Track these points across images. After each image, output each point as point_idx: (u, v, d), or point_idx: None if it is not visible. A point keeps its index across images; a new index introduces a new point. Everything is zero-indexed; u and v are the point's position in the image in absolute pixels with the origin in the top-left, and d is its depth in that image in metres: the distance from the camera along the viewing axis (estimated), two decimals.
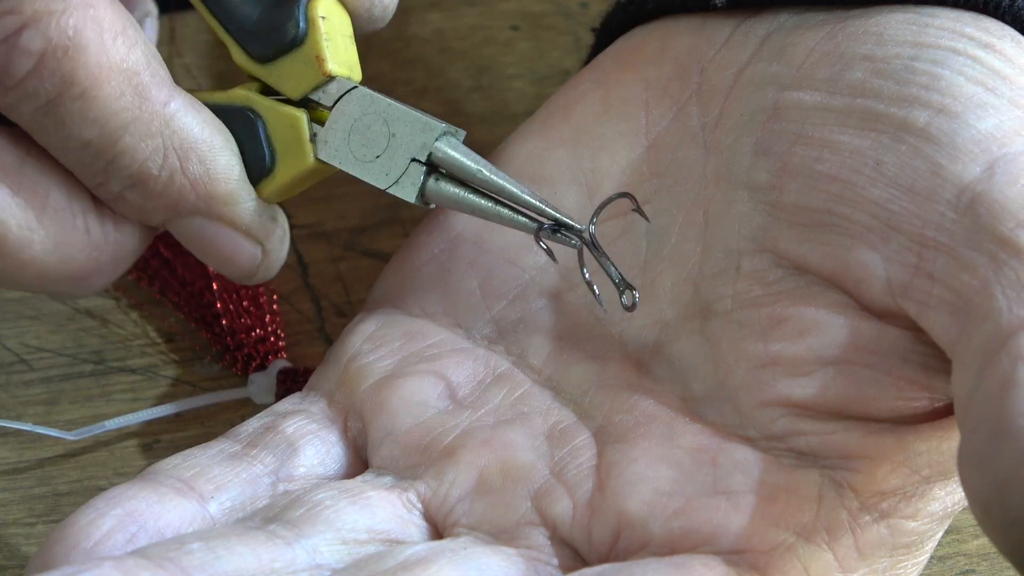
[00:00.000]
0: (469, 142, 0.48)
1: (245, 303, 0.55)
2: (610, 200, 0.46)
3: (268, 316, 0.55)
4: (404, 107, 0.47)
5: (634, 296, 0.45)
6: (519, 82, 0.65)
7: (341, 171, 0.48)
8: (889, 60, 0.44)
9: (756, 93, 0.46)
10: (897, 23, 0.44)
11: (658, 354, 0.46)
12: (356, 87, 0.47)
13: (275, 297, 0.56)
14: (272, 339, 0.55)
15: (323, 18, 0.47)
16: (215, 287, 0.55)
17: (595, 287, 0.46)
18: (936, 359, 0.42)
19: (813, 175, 0.44)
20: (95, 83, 0.44)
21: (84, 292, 0.47)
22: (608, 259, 0.46)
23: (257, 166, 0.47)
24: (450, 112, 0.63)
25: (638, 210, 0.47)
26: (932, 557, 0.49)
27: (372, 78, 0.50)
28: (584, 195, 0.48)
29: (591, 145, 0.49)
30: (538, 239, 0.46)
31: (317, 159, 0.47)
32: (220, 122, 0.47)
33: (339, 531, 0.43)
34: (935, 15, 0.44)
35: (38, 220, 0.45)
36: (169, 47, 0.65)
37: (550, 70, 0.65)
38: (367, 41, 0.65)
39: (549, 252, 0.46)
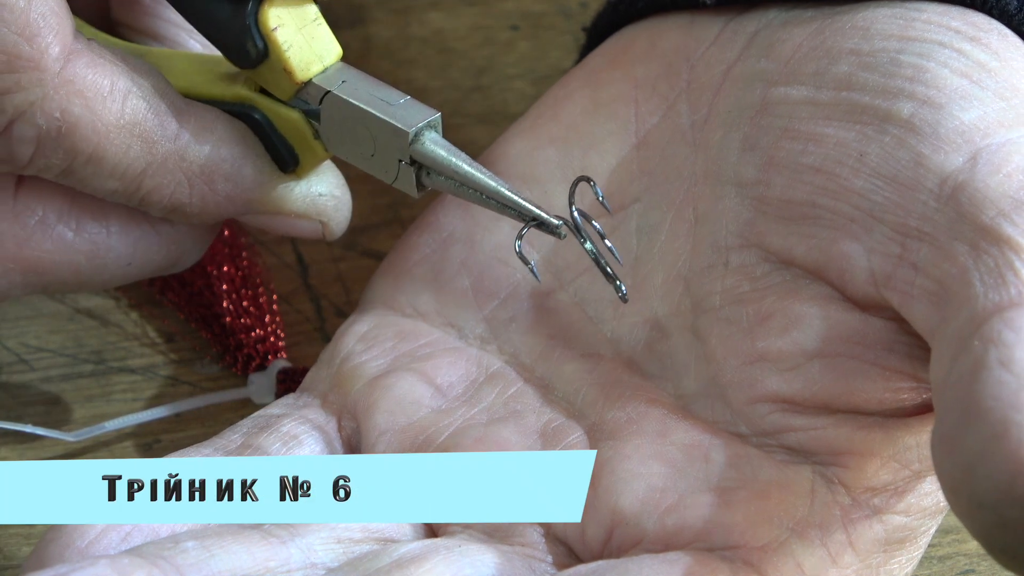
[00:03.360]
0: (469, 142, 0.48)
1: (245, 303, 0.55)
2: (575, 185, 0.46)
3: (268, 316, 0.55)
4: (373, 110, 0.46)
5: (621, 289, 0.46)
6: (519, 82, 0.65)
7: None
8: (875, 54, 0.44)
9: (744, 89, 0.46)
10: (884, 18, 0.44)
11: (649, 352, 0.46)
12: (328, 93, 0.47)
13: (275, 297, 0.56)
14: (272, 339, 0.55)
15: (276, 28, 0.46)
16: (215, 287, 0.56)
17: (602, 260, 0.46)
18: (921, 348, 0.42)
19: (798, 168, 0.44)
20: (99, 148, 0.45)
21: (175, 271, 0.50)
22: (594, 245, 0.46)
23: (283, 162, 0.48)
24: (450, 112, 0.63)
25: (600, 198, 0.47)
26: (932, 557, 0.49)
27: None
28: (575, 193, 0.48)
29: (580, 143, 0.49)
30: (518, 250, 0.46)
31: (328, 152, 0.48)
32: (236, 126, 0.47)
33: (334, 530, 0.43)
34: (922, 9, 0.44)
35: (106, 244, 0.47)
36: None
37: (550, 70, 0.65)
38: (367, 41, 0.66)
39: (531, 268, 0.47)
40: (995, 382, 0.36)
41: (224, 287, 0.56)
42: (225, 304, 0.55)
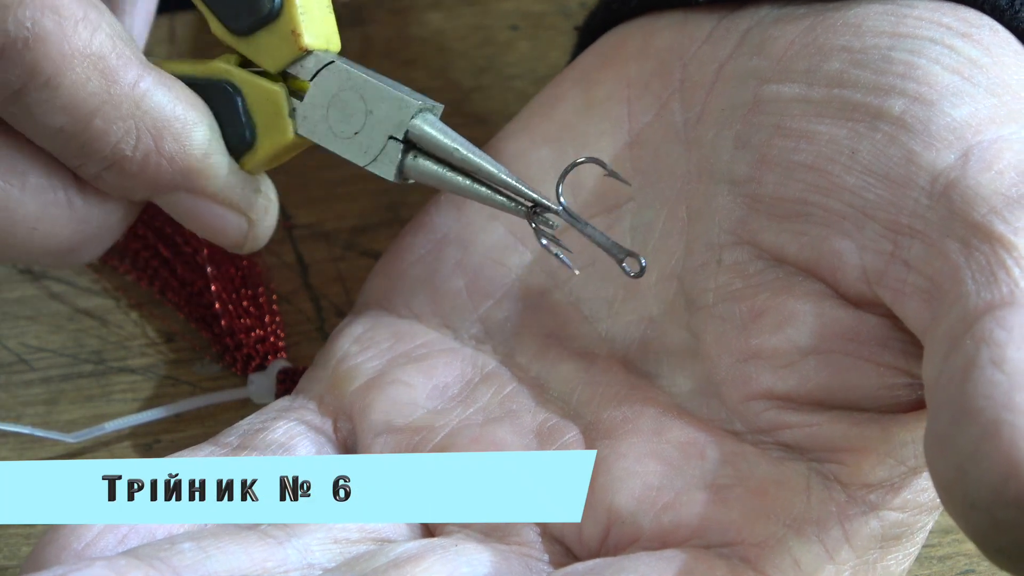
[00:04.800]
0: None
1: (245, 303, 0.56)
2: (574, 165, 0.46)
3: (268, 316, 0.56)
4: (380, 83, 0.47)
5: (640, 262, 0.45)
6: (519, 82, 0.65)
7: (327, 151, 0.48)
8: (867, 51, 0.44)
9: (737, 87, 0.46)
10: (876, 14, 0.44)
11: (644, 350, 0.46)
12: (332, 62, 0.47)
13: (275, 297, 0.56)
14: (272, 339, 0.55)
15: None
16: (215, 287, 0.56)
17: (561, 255, 0.46)
18: (915, 345, 0.42)
19: (790, 166, 0.44)
20: (59, 71, 0.44)
21: (75, 263, 0.48)
22: (591, 227, 0.46)
23: (238, 141, 0.47)
24: (450, 112, 0.63)
25: (612, 174, 0.46)
26: (932, 557, 0.49)
27: None
28: (568, 192, 0.48)
29: (574, 143, 0.49)
30: (544, 244, 0.46)
31: (297, 134, 0.47)
32: (195, 96, 0.47)
33: (331, 530, 0.43)
34: (913, 6, 0.44)
35: (19, 199, 0.46)
36: (169, 47, 0.65)
37: (550, 70, 0.65)
38: (367, 41, 0.66)
39: (563, 259, 0.46)
40: (987, 381, 0.36)
41: (224, 287, 0.56)
42: (224, 304, 0.55)
